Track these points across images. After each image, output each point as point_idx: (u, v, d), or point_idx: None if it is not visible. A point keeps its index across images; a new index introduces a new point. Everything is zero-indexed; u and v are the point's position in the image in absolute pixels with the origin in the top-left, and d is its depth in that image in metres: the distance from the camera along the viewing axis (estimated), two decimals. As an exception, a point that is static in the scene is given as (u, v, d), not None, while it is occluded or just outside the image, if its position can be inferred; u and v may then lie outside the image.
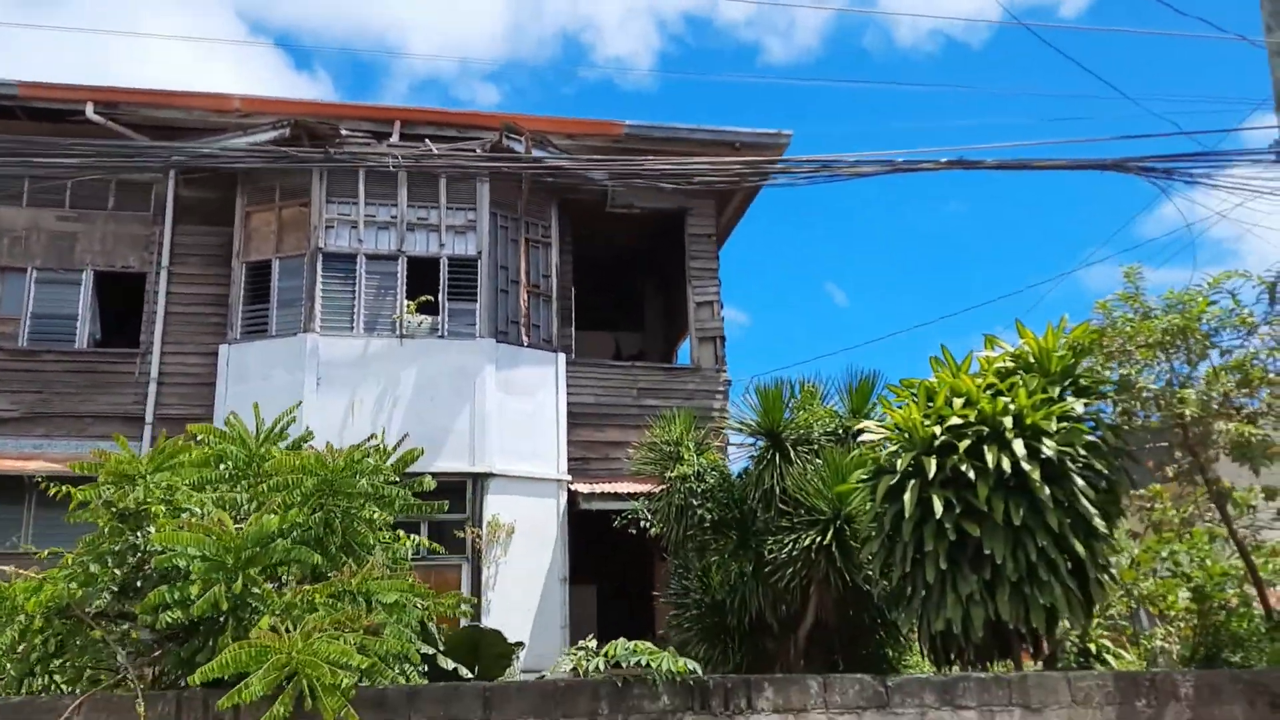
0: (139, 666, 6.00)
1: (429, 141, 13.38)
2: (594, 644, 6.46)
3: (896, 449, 7.34)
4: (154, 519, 5.76)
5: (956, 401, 7.24)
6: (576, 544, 13.41)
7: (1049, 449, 6.79)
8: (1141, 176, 8.15)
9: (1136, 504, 9.86)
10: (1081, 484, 6.86)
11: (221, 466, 6.52)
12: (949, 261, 54.16)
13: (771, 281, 53.16)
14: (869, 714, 6.33)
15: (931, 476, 6.88)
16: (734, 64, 58.20)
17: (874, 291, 53.46)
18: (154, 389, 13.22)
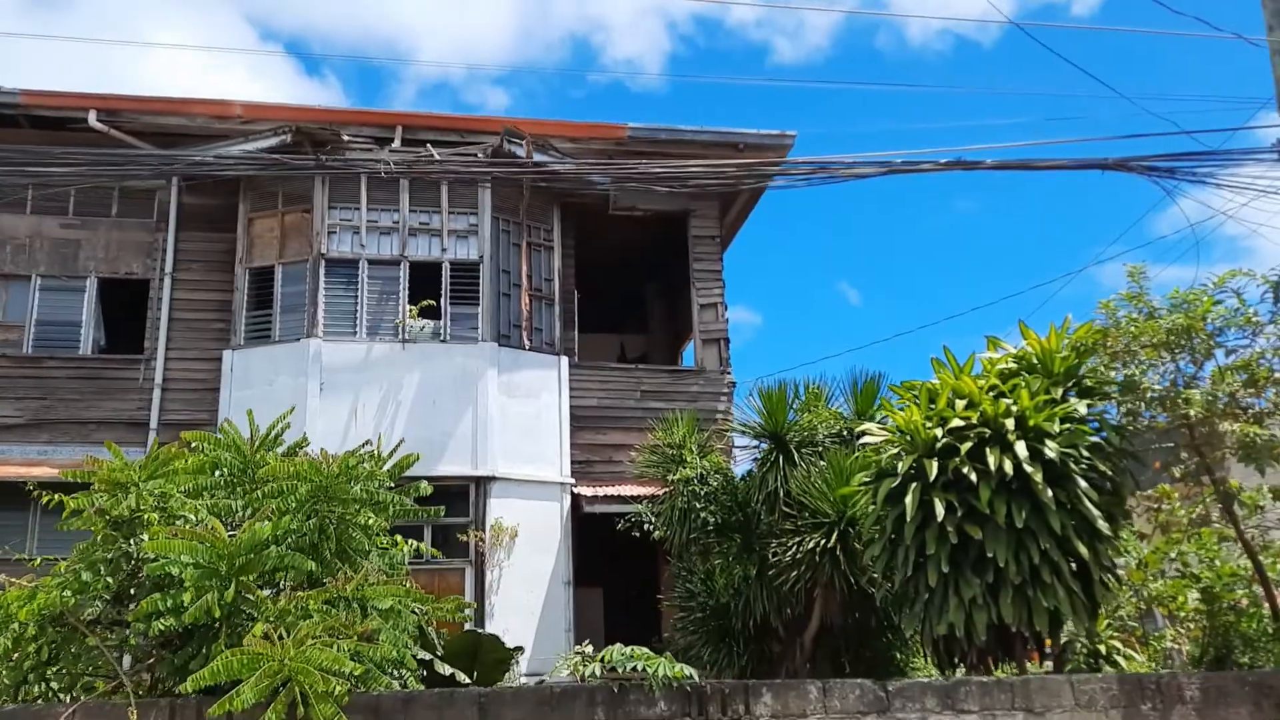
0: (136, 673, 5.99)
1: (430, 147, 13.37)
2: (590, 649, 6.42)
3: (898, 451, 7.28)
4: (147, 526, 5.74)
5: (958, 403, 7.17)
6: (583, 547, 13.37)
7: (1051, 451, 6.71)
8: (1144, 176, 8.07)
9: (1144, 505, 9.78)
10: (1085, 486, 6.78)
11: (217, 473, 6.51)
12: (965, 260, 54.06)
13: (784, 281, 53.14)
14: (869, 719, 6.27)
15: (933, 479, 6.81)
16: (744, 65, 58.18)
17: (887, 290, 53.40)
18: (158, 395, 13.24)
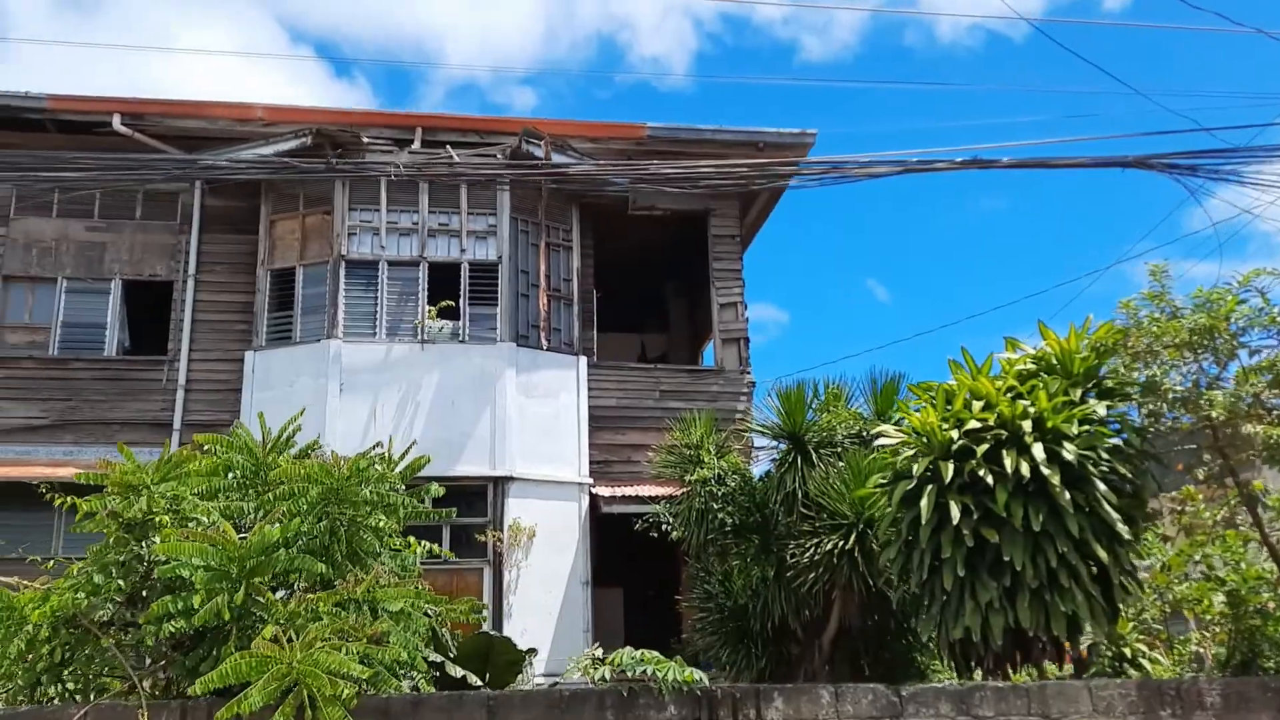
0: (149, 674, 6.03)
1: (450, 148, 13.40)
2: (600, 651, 6.39)
3: (914, 453, 7.19)
4: (159, 529, 5.77)
5: (975, 405, 7.08)
6: (601, 548, 13.35)
7: (1069, 453, 6.60)
8: (1165, 174, 7.94)
9: (1168, 507, 9.62)
10: (1104, 488, 6.66)
11: (229, 476, 6.54)
12: (989, 258, 53.62)
13: (811, 279, 52.93)
14: (882, 724, 6.22)
15: (949, 481, 6.72)
16: (771, 63, 58.00)
17: (915, 288, 53.05)
18: (181, 395, 13.37)
